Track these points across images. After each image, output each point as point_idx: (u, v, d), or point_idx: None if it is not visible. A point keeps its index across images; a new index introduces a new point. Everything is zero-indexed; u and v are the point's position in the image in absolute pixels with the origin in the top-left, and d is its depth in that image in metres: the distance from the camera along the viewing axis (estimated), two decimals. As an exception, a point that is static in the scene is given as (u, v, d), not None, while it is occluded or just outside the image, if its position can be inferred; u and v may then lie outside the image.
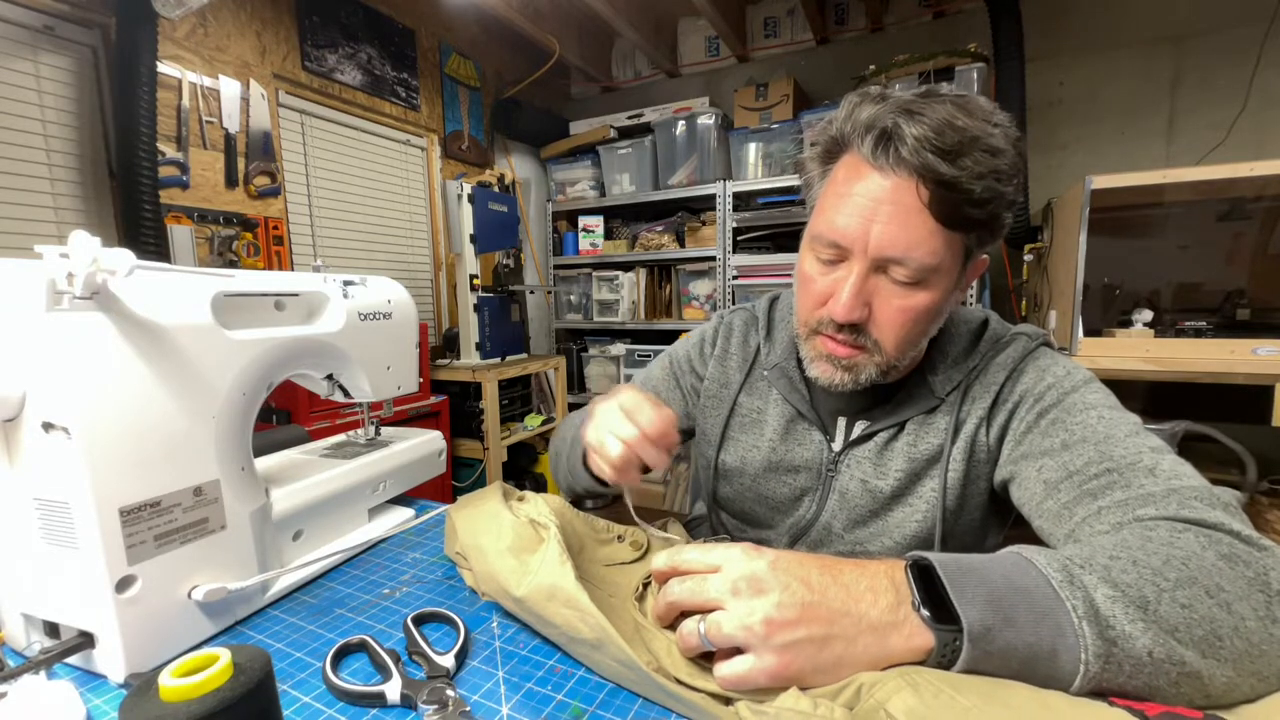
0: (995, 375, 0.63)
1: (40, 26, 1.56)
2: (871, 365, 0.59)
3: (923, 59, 2.15)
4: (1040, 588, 0.37)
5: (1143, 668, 0.35)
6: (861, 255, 0.55)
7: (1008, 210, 0.54)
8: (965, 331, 0.67)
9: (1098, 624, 0.35)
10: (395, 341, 0.80)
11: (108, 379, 0.46)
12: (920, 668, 0.37)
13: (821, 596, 0.38)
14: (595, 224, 3.04)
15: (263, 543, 0.60)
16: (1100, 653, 0.35)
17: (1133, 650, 0.35)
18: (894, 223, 0.53)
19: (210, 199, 1.87)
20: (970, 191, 0.51)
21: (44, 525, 0.47)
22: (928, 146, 0.50)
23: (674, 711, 0.43)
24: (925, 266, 0.53)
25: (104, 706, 0.45)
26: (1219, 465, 1.91)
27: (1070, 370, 0.61)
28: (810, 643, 0.37)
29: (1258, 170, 1.58)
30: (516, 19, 2.52)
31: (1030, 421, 0.58)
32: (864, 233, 0.54)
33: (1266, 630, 0.36)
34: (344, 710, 0.44)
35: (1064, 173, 2.37)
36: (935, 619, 0.37)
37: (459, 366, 2.35)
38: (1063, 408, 0.57)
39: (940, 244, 0.53)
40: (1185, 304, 2.08)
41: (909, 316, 0.56)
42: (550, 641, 0.52)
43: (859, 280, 0.55)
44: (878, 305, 0.56)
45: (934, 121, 0.50)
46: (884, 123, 0.53)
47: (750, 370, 0.77)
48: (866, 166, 0.54)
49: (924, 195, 0.52)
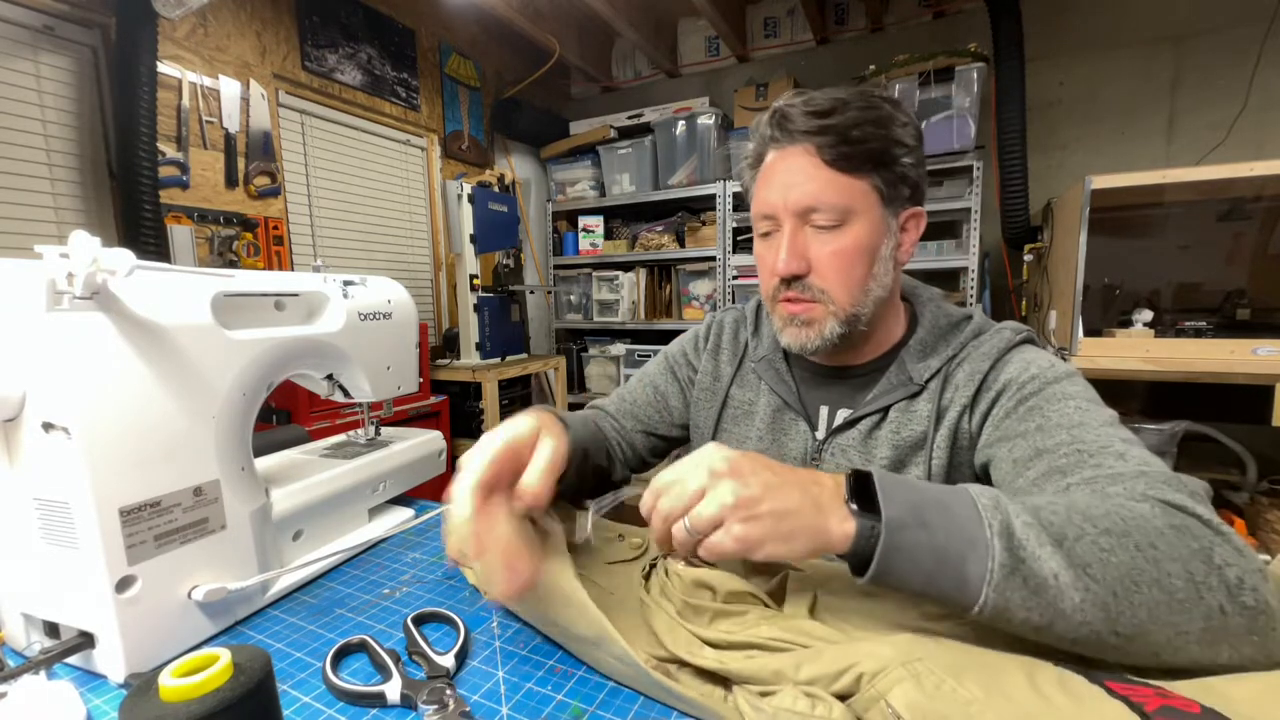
0: (979, 364, 0.65)
1: (40, 26, 1.56)
2: (829, 317, 0.65)
3: (923, 59, 2.15)
4: (965, 507, 0.41)
5: (1046, 587, 0.38)
6: (786, 214, 0.64)
7: (897, 149, 0.62)
8: (946, 323, 0.70)
9: (1009, 540, 0.39)
10: (395, 341, 0.80)
11: (108, 379, 0.46)
12: (921, 657, 0.37)
13: (781, 479, 0.44)
14: (595, 224, 3.04)
15: (263, 543, 0.60)
16: (1006, 564, 0.38)
17: (1039, 570, 0.38)
18: (800, 180, 0.63)
19: (210, 199, 1.87)
20: (847, 134, 0.61)
21: (44, 525, 0.47)
22: (805, 110, 0.62)
23: (674, 709, 0.43)
24: (838, 206, 0.62)
25: (104, 706, 0.45)
26: (1219, 465, 1.91)
27: (1054, 363, 0.63)
28: (771, 515, 0.42)
29: (1258, 170, 1.58)
30: (516, 19, 2.52)
31: (1009, 408, 0.61)
32: (783, 198, 0.64)
33: (1195, 593, 0.38)
34: (344, 710, 0.44)
35: (1064, 173, 2.37)
36: (861, 510, 0.42)
37: (459, 366, 2.35)
38: (1042, 396, 0.59)
39: (843, 186, 0.62)
40: (1185, 304, 2.08)
41: (843, 258, 0.63)
42: (551, 641, 0.52)
43: (790, 236, 0.64)
44: (814, 255, 0.64)
45: (811, 95, 0.63)
46: (775, 108, 0.65)
47: (740, 364, 0.80)
48: (775, 154, 0.66)
49: (812, 150, 0.62)
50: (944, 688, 0.34)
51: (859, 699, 0.36)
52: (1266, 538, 1.72)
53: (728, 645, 0.43)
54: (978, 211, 2.22)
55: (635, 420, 0.85)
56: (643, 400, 0.85)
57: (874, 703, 0.35)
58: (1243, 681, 0.37)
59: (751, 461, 0.45)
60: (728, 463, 0.44)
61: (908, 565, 0.40)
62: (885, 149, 0.62)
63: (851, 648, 0.39)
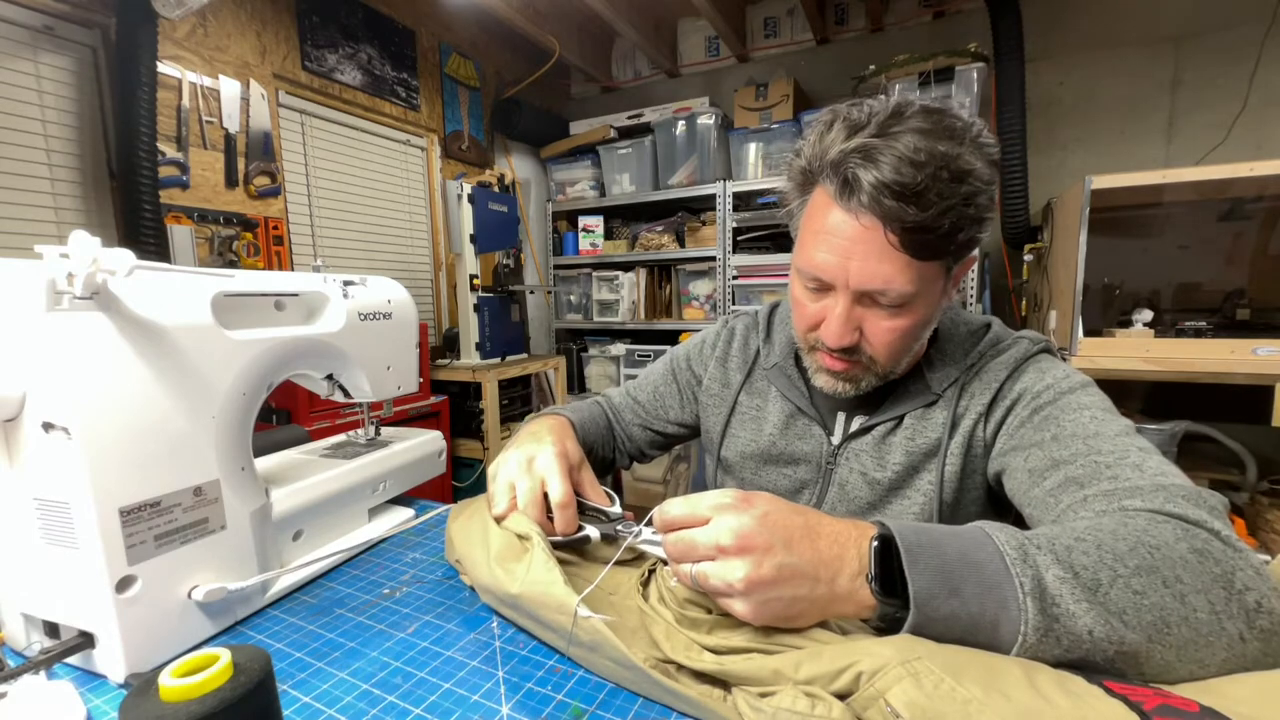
0: (996, 373, 0.64)
1: (40, 26, 1.56)
2: (870, 375, 0.63)
3: (923, 59, 2.15)
4: (993, 562, 0.39)
5: (1081, 644, 0.37)
6: (844, 289, 0.57)
7: (974, 228, 0.56)
8: (965, 333, 0.69)
9: (1042, 601, 0.37)
10: (395, 341, 0.80)
11: (108, 379, 0.46)
12: (921, 656, 0.37)
13: (798, 560, 0.41)
14: (595, 224, 3.04)
15: (263, 543, 0.60)
16: (1040, 627, 0.37)
17: (1073, 628, 0.37)
18: (869, 260, 0.54)
19: (210, 199, 1.87)
20: (939, 228, 0.52)
21: (44, 525, 0.47)
22: (887, 194, 0.51)
23: (673, 709, 0.43)
24: (906, 294, 0.56)
25: (104, 706, 0.45)
26: (1219, 465, 1.91)
27: (1070, 374, 0.62)
28: (780, 601, 0.41)
29: (1258, 170, 1.57)
30: (516, 19, 2.52)
31: (1024, 417, 0.60)
32: (843, 269, 0.56)
33: (1218, 624, 0.37)
34: (344, 710, 0.44)
35: (1064, 173, 2.37)
36: (884, 590, 0.41)
37: (459, 366, 2.35)
38: (1057, 405, 0.58)
39: (916, 273, 0.55)
40: (1185, 304, 2.08)
41: (898, 334, 0.59)
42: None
43: (845, 311, 0.58)
44: (867, 328, 0.59)
45: (892, 161, 0.51)
46: (844, 170, 0.53)
47: (750, 371, 0.80)
48: (835, 204, 0.56)
49: (892, 239, 0.53)
50: (943, 686, 0.34)
51: (858, 698, 0.36)
52: (1266, 538, 1.72)
53: (726, 650, 0.43)
54: (978, 211, 2.22)
55: (635, 415, 0.88)
56: (643, 399, 0.88)
57: (873, 701, 0.35)
58: (1241, 681, 0.37)
59: (766, 531, 0.41)
60: (738, 535, 0.41)
61: (938, 631, 0.39)
62: (964, 235, 0.55)
63: (850, 646, 0.39)
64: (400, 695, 0.46)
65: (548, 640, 0.51)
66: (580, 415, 0.80)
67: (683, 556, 0.44)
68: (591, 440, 0.79)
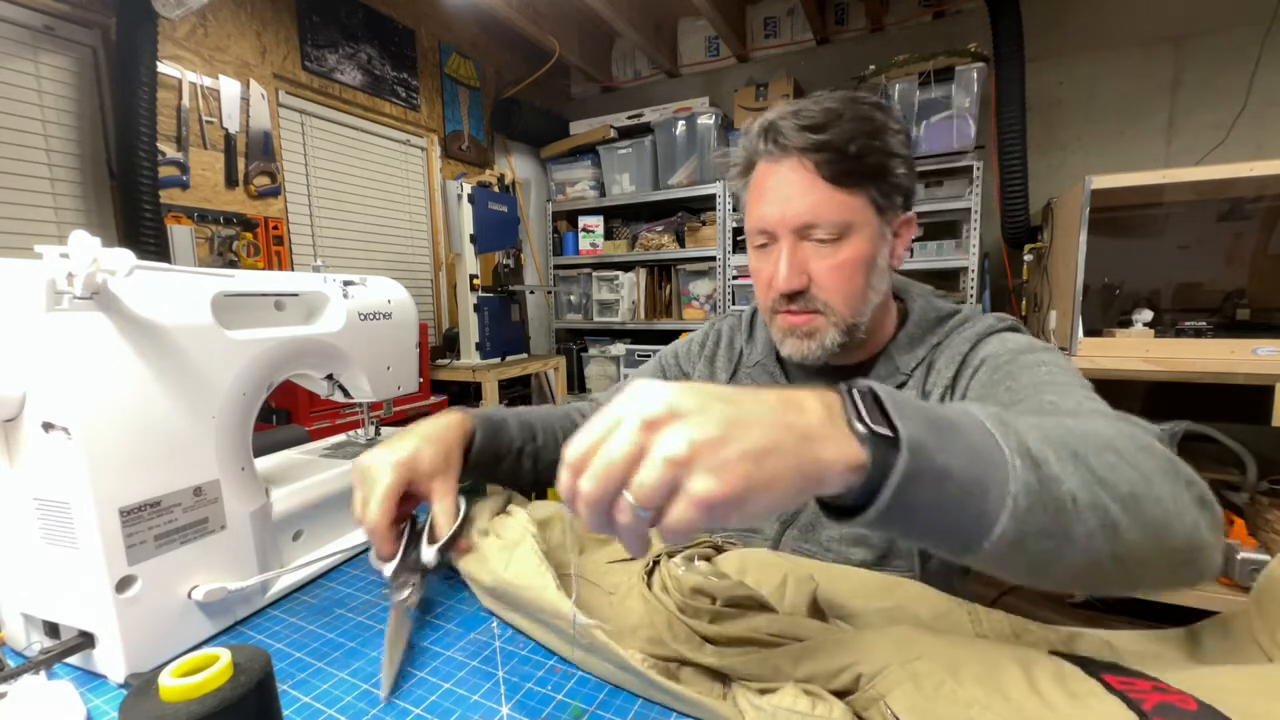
0: (960, 346, 0.67)
1: (40, 26, 1.56)
2: (830, 327, 0.65)
3: (923, 59, 2.15)
4: (975, 424, 0.35)
5: (1065, 512, 0.33)
6: (784, 230, 0.64)
7: (892, 161, 0.63)
8: (934, 317, 0.71)
9: (1030, 460, 0.34)
10: (395, 341, 0.80)
11: (108, 379, 0.46)
12: (920, 656, 0.36)
13: (744, 409, 0.32)
14: (595, 224, 3.04)
15: (263, 543, 0.60)
16: (1030, 488, 0.33)
17: (1058, 493, 0.34)
18: (798, 195, 0.62)
19: (210, 199, 1.87)
20: (844, 149, 0.60)
21: (44, 525, 0.47)
22: (799, 125, 0.61)
23: (673, 710, 0.43)
24: (836, 222, 0.62)
25: (104, 706, 0.45)
26: (1219, 465, 1.91)
27: (1033, 343, 0.63)
28: (743, 459, 0.30)
29: (1258, 170, 1.57)
30: (516, 19, 2.52)
31: (984, 379, 0.62)
32: (780, 213, 0.63)
33: (1177, 507, 0.37)
34: (343, 710, 0.44)
35: (1064, 173, 2.37)
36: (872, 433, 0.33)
37: (459, 366, 2.35)
38: (1015, 364, 0.60)
39: (841, 201, 0.62)
40: (1185, 304, 2.08)
41: (843, 272, 0.63)
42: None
43: (789, 250, 0.64)
44: (814, 269, 0.64)
45: (802, 107, 0.62)
46: (765, 122, 0.64)
47: (735, 370, 0.81)
48: (767, 165, 0.65)
49: (809, 165, 0.61)
50: (944, 689, 0.34)
51: (858, 698, 0.36)
52: (1266, 538, 1.72)
53: (727, 641, 0.43)
54: (978, 211, 2.22)
55: None
56: None
57: (873, 703, 0.35)
58: (1234, 672, 0.37)
59: (693, 393, 0.32)
60: (666, 402, 0.31)
61: (926, 496, 0.32)
62: (881, 162, 0.62)
63: (850, 643, 0.39)
64: (400, 695, 0.46)
65: (547, 641, 0.51)
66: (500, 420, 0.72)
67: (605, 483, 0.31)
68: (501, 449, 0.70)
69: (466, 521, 0.58)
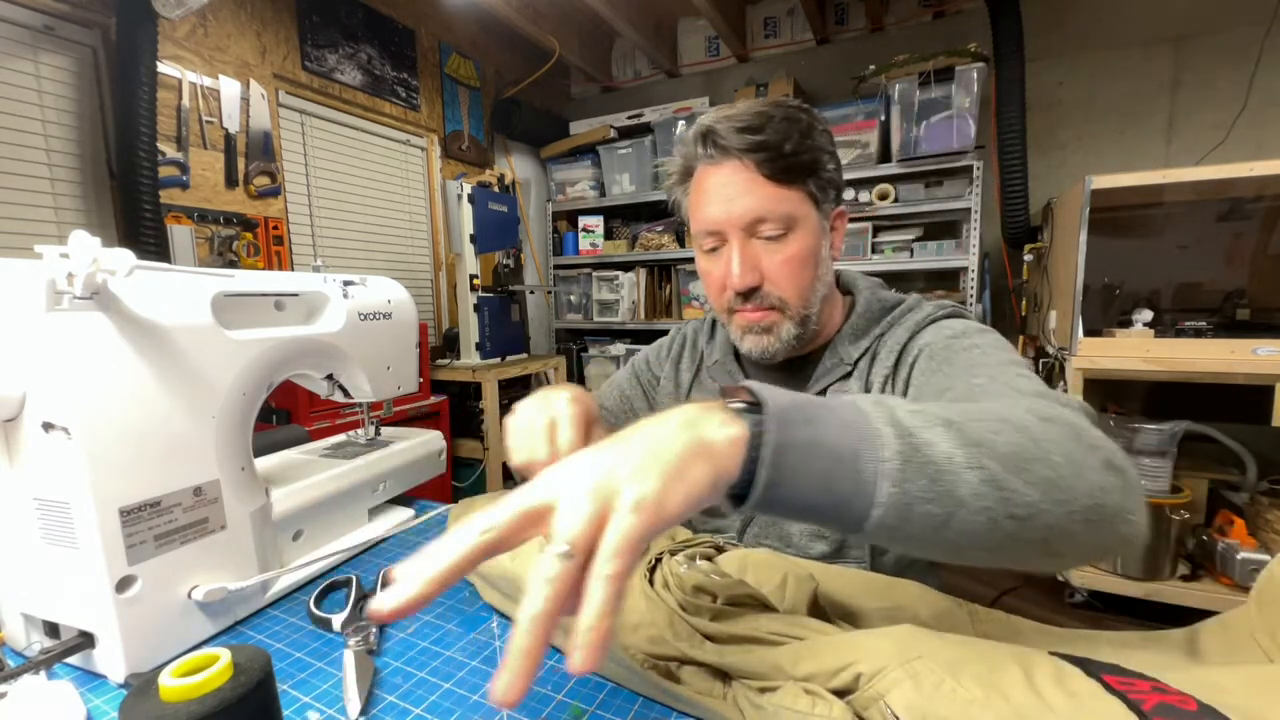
0: (900, 336, 0.68)
1: (40, 26, 1.56)
2: (786, 321, 0.68)
3: (923, 59, 2.15)
4: (848, 406, 0.37)
5: (944, 473, 0.34)
6: (733, 229, 0.66)
7: (823, 157, 0.66)
8: (879, 307, 0.73)
9: (898, 429, 0.35)
10: (395, 341, 0.80)
11: (108, 379, 0.46)
12: (920, 655, 0.36)
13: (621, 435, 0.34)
14: (595, 224, 3.04)
15: (263, 543, 0.60)
16: (901, 451, 0.34)
17: (934, 455, 0.35)
18: (742, 194, 0.65)
19: (210, 199, 1.87)
20: (781, 148, 0.63)
21: (44, 525, 0.47)
22: (736, 128, 0.64)
23: (674, 709, 0.43)
24: (783, 215, 0.64)
25: (104, 706, 0.45)
26: (1219, 465, 1.91)
27: (969, 328, 0.65)
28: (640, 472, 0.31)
29: (1258, 170, 1.58)
30: (516, 19, 2.52)
31: (923, 368, 0.63)
32: (726, 212, 0.65)
33: (1076, 468, 0.37)
34: (343, 710, 0.44)
35: (1064, 173, 2.37)
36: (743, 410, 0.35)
37: (459, 366, 2.35)
38: (950, 349, 0.61)
39: (783, 196, 0.65)
40: (1185, 304, 2.08)
41: (793, 265, 0.66)
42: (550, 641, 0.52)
43: (740, 249, 0.66)
44: (765, 265, 0.66)
45: (737, 114, 0.65)
46: (703, 128, 0.67)
47: (698, 370, 0.84)
48: (707, 168, 0.67)
49: (750, 165, 0.64)
50: (943, 688, 0.34)
51: (858, 697, 0.36)
52: (1266, 538, 1.72)
53: (728, 639, 0.43)
54: (978, 211, 2.22)
55: (605, 420, 0.87)
56: (610, 404, 0.89)
57: (873, 702, 0.35)
58: (1233, 672, 0.38)
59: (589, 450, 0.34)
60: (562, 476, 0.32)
61: (801, 466, 0.34)
62: (814, 158, 0.66)
63: (849, 643, 0.39)
64: (401, 695, 0.46)
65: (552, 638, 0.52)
66: None
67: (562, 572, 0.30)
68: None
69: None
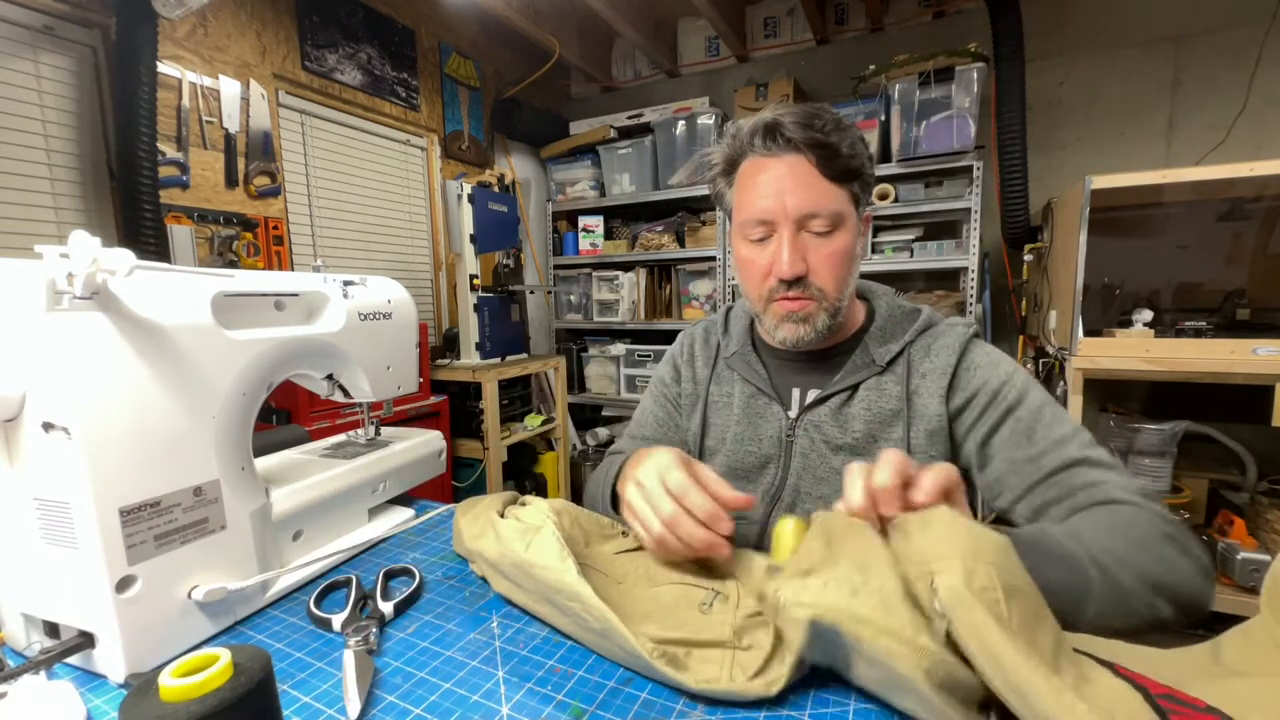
0: (944, 357, 0.73)
1: (40, 26, 1.56)
2: (821, 312, 0.71)
3: (923, 59, 2.15)
4: (1055, 546, 0.53)
5: (1124, 598, 0.51)
6: (786, 221, 0.69)
7: (867, 164, 0.71)
8: (901, 313, 0.79)
9: (1098, 566, 0.51)
10: (395, 341, 0.80)
11: (108, 379, 0.46)
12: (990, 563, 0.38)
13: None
14: (595, 224, 3.04)
15: (263, 543, 0.60)
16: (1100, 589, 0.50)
17: (1118, 587, 0.51)
18: (800, 188, 0.68)
19: (210, 199, 1.87)
20: (839, 150, 0.68)
21: (44, 525, 0.47)
22: (802, 124, 0.68)
23: (681, 695, 0.44)
24: (833, 213, 0.68)
25: (104, 706, 0.45)
26: (1219, 465, 1.91)
27: (1008, 366, 0.72)
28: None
29: (1258, 170, 1.57)
30: (516, 19, 2.52)
31: (995, 420, 0.69)
32: (781, 204, 0.68)
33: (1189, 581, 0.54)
34: (343, 710, 0.44)
35: (1064, 173, 2.37)
36: None
37: (459, 366, 2.35)
38: (1023, 408, 0.68)
39: (836, 193, 0.69)
40: (1185, 304, 2.08)
41: (837, 258, 0.70)
42: (550, 641, 0.52)
43: (791, 239, 0.69)
44: (811, 257, 0.70)
45: (800, 112, 0.69)
46: (765, 121, 0.69)
47: (715, 364, 0.86)
48: (762, 160, 0.70)
49: (811, 160, 0.68)
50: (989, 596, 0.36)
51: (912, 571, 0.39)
52: (1266, 538, 1.72)
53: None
54: (978, 211, 2.22)
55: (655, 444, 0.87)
56: (651, 432, 0.90)
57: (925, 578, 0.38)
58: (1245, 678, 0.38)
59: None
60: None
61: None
62: (861, 164, 0.70)
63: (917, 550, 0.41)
64: (400, 695, 0.46)
65: (559, 624, 0.53)
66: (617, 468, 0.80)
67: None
68: None
69: None
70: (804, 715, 0.42)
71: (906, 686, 0.37)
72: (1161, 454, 1.76)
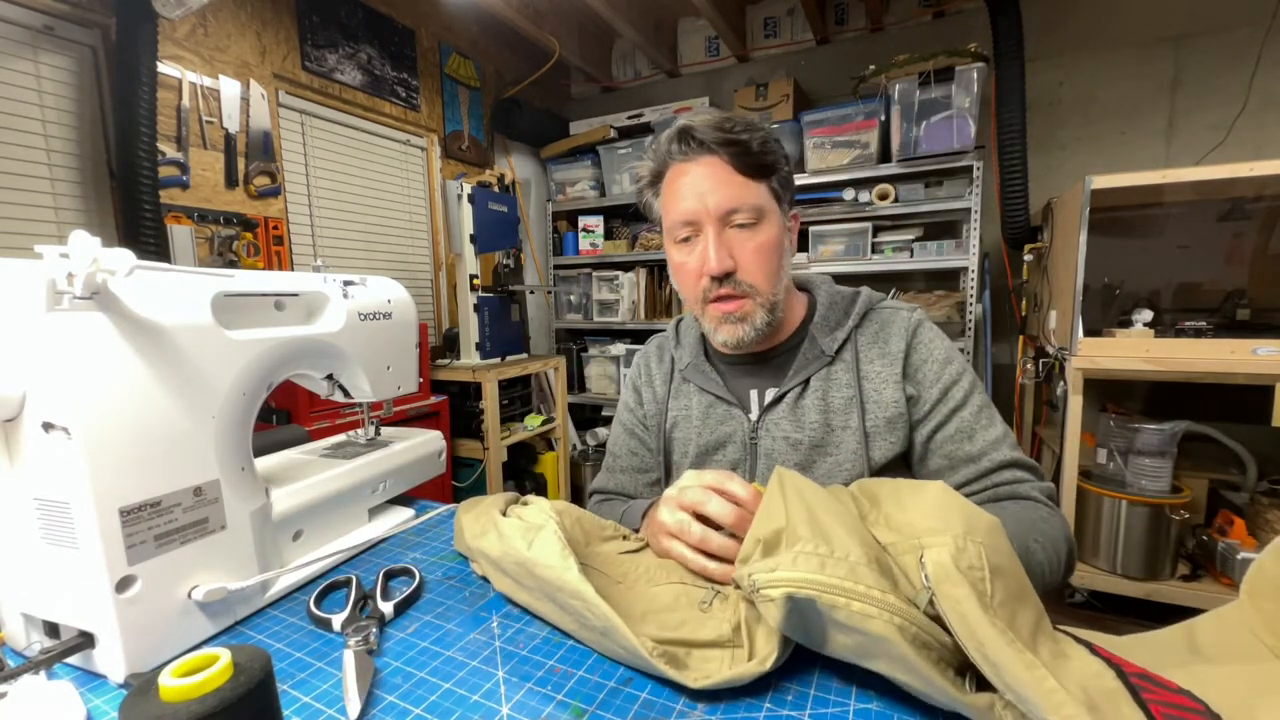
0: (894, 343, 0.75)
1: (40, 26, 1.56)
2: (758, 309, 0.73)
3: (923, 59, 2.15)
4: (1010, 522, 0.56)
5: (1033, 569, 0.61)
6: (709, 219, 0.71)
7: (781, 160, 0.74)
8: (842, 300, 0.81)
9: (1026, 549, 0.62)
10: (395, 341, 0.80)
11: (108, 379, 0.46)
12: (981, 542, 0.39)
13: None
14: (595, 224, 3.04)
15: (263, 543, 0.60)
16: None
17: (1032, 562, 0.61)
18: (720, 186, 0.71)
19: (210, 199, 1.87)
20: (749, 145, 0.71)
21: (44, 525, 0.47)
22: (713, 130, 0.71)
23: (681, 694, 0.44)
24: (754, 206, 0.71)
25: (104, 706, 0.45)
26: (1219, 465, 1.91)
27: (958, 363, 0.75)
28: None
29: (1258, 170, 1.58)
30: (516, 19, 2.52)
31: (942, 418, 0.73)
32: (702, 204, 0.71)
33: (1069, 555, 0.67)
34: (343, 710, 0.44)
35: (1064, 173, 2.37)
36: None
37: (459, 366, 2.35)
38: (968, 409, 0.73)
39: (753, 189, 0.71)
40: (1185, 304, 2.08)
41: (764, 252, 0.72)
42: (550, 640, 0.52)
43: (715, 236, 0.71)
44: (737, 253, 0.71)
45: (711, 116, 0.73)
46: (679, 127, 0.73)
47: (672, 379, 0.87)
48: (681, 166, 0.74)
49: (724, 158, 0.71)
50: (976, 575, 0.37)
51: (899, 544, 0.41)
52: (1267, 538, 1.72)
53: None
54: (978, 211, 2.22)
55: (635, 479, 0.91)
56: (627, 463, 0.91)
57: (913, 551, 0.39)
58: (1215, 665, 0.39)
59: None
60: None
61: None
62: (774, 160, 0.73)
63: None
64: (400, 695, 0.46)
65: (560, 622, 0.53)
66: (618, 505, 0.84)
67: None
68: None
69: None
70: (804, 715, 0.42)
71: (882, 649, 0.39)
72: (1161, 454, 1.76)
